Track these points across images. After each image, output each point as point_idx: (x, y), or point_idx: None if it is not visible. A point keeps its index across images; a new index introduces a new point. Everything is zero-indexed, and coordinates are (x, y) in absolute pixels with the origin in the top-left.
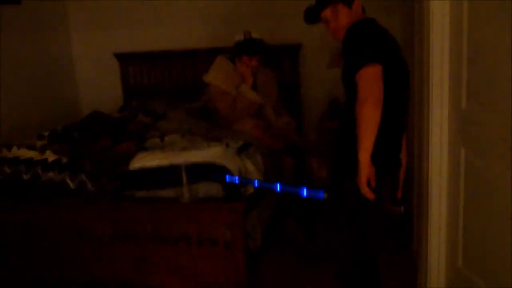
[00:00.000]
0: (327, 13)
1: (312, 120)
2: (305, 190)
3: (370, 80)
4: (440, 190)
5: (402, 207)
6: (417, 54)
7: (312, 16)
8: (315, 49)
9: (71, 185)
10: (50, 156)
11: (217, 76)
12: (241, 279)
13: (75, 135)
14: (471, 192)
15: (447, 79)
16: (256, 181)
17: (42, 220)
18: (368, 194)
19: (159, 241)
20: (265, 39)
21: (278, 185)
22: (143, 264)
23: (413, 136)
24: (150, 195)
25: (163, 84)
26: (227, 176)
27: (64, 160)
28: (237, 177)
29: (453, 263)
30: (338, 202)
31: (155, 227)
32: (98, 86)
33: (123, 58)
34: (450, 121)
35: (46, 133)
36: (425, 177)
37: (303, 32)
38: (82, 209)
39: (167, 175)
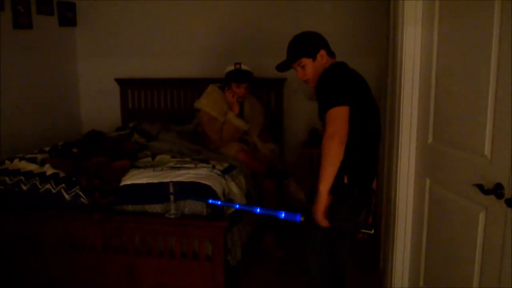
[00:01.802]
0: (295, 66)
1: (293, 148)
2: (283, 213)
3: (337, 118)
4: (406, 216)
5: (372, 230)
6: (389, 96)
7: (284, 70)
8: (298, 83)
9: (67, 197)
10: (49, 170)
11: (208, 103)
12: None
13: (73, 151)
14: (434, 219)
15: (416, 118)
16: (237, 204)
17: (37, 229)
18: (322, 222)
19: (146, 253)
20: (253, 71)
21: (257, 208)
22: (131, 274)
23: (383, 166)
24: (139, 209)
25: (158, 108)
26: (209, 200)
27: (62, 174)
28: (219, 201)
29: (415, 283)
30: (314, 225)
31: (142, 240)
32: (99, 107)
33: (123, 83)
34: (417, 154)
35: (47, 148)
36: (392, 204)
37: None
38: (76, 220)
39: (156, 192)
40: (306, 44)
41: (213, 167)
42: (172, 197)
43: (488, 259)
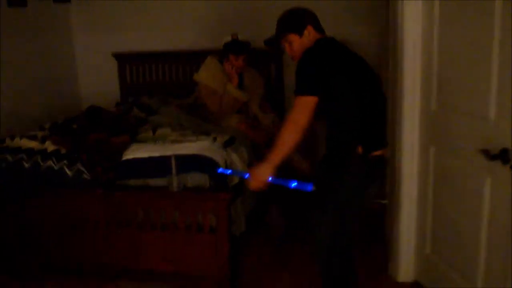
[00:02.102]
0: (283, 43)
1: None
2: (294, 182)
3: (301, 107)
4: (411, 185)
5: (386, 200)
6: (391, 63)
7: (272, 45)
8: None
9: (69, 173)
10: (50, 147)
11: (207, 75)
12: (225, 263)
13: (74, 127)
14: (439, 187)
15: (419, 84)
16: (246, 174)
17: (41, 208)
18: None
19: (150, 227)
20: (251, 42)
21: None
22: (135, 249)
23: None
24: (141, 184)
25: (157, 82)
26: (219, 170)
27: (63, 150)
28: (230, 170)
29: (422, 251)
30: (324, 195)
31: (145, 214)
32: (97, 83)
33: (121, 58)
34: (421, 122)
35: (47, 125)
36: (397, 174)
37: None
38: (79, 197)
39: (158, 166)
40: (293, 20)
41: (215, 139)
42: (174, 170)
43: (495, 226)
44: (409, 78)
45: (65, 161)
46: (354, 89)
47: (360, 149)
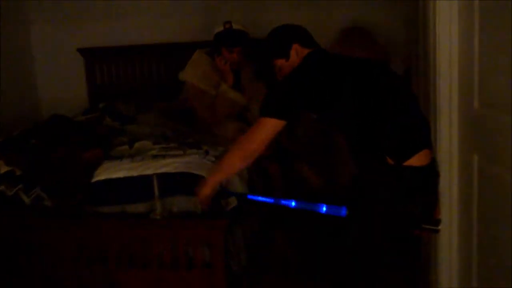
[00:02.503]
0: (275, 67)
1: (303, 123)
2: (324, 207)
3: (257, 131)
4: (451, 202)
5: (439, 226)
6: (421, 50)
7: (261, 77)
8: None
9: (26, 200)
10: (2, 168)
11: (194, 73)
12: None
13: (32, 142)
14: (486, 204)
15: (456, 78)
16: (281, 200)
17: None
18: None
19: (128, 263)
20: (248, 30)
21: (292, 201)
22: None
23: None
24: (117, 210)
25: (134, 83)
26: (248, 196)
27: (18, 172)
28: (259, 197)
29: (467, 283)
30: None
31: (123, 247)
32: (60, 85)
33: (89, 54)
34: (460, 124)
35: None
36: None
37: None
38: (39, 228)
39: (137, 188)
40: (275, 44)
41: (206, 152)
42: (157, 192)
43: None
44: (445, 68)
45: (20, 185)
46: (357, 97)
47: (389, 160)
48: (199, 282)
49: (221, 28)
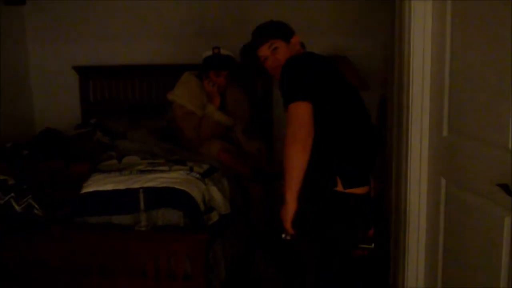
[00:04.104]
0: (264, 50)
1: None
2: None
3: (295, 117)
4: (419, 223)
5: (373, 244)
6: (396, 80)
7: (248, 54)
8: None
9: (17, 208)
10: None
11: (182, 94)
12: None
13: (24, 153)
14: (451, 226)
15: (428, 106)
16: None
17: None
18: (291, 231)
19: (113, 273)
20: (235, 56)
21: None
22: None
23: (391, 166)
24: (104, 221)
25: (126, 101)
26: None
27: (10, 181)
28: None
29: None
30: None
31: (108, 258)
32: (55, 101)
33: (84, 72)
34: (430, 150)
35: None
36: (403, 210)
37: None
38: (28, 237)
39: (123, 200)
40: (280, 26)
41: (191, 169)
42: (142, 206)
43: None
44: (417, 96)
45: (12, 194)
46: (343, 106)
47: (339, 185)
48: None
49: (210, 53)
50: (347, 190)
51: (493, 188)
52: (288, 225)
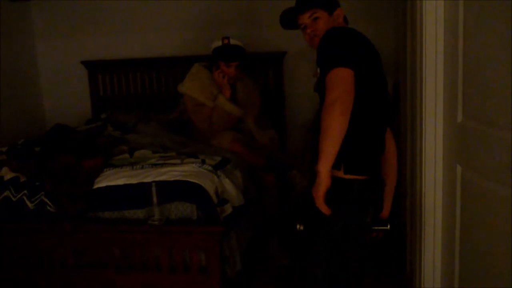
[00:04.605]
0: (305, 18)
1: (297, 134)
2: None
3: (338, 82)
4: (435, 210)
5: (388, 226)
6: (409, 66)
7: (289, 21)
8: (301, 57)
9: (30, 205)
10: (7, 174)
11: (193, 86)
12: None
13: (36, 150)
14: (468, 212)
15: (442, 91)
16: None
17: None
18: (324, 209)
19: (127, 267)
20: (244, 46)
21: None
22: None
23: (405, 154)
24: (117, 216)
25: (136, 94)
26: None
27: (23, 178)
28: None
29: (449, 286)
30: (319, 229)
31: (122, 252)
32: (64, 97)
33: (92, 67)
34: (445, 136)
35: (4, 148)
36: (418, 197)
37: (287, 39)
38: (42, 233)
39: (136, 195)
40: None
41: (203, 162)
42: (155, 199)
43: None
44: (430, 82)
45: (25, 191)
46: (367, 88)
47: (342, 171)
48: (195, 286)
49: (219, 43)
50: (347, 176)
51: (509, 173)
52: (320, 201)
